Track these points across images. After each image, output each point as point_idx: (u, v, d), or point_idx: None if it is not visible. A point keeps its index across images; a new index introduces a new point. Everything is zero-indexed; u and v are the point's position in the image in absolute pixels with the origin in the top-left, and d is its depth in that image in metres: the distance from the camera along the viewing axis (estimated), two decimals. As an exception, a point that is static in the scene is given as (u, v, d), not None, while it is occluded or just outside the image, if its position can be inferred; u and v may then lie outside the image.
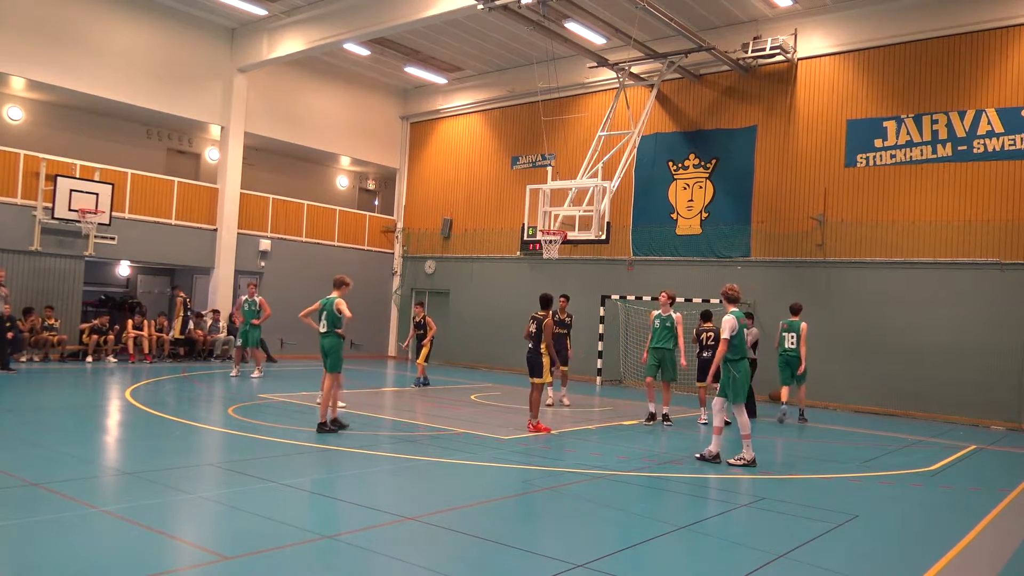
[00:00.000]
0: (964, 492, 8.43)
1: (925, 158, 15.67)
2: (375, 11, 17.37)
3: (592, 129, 18.77)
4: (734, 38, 17.48)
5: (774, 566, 5.34)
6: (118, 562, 4.82)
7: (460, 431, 10.54)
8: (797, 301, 13.45)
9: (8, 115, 18.83)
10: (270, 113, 21.59)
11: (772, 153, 17.59)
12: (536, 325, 10.96)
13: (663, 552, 5.72)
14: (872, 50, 16.41)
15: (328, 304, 9.94)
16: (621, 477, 8.11)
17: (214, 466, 7.91)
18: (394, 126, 25.05)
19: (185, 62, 19.61)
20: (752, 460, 8.87)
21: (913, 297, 15.61)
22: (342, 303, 9.90)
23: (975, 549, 6.18)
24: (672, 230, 18.97)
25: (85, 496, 6.18)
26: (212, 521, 5.98)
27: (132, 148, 20.75)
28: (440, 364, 22.89)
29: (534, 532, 6.11)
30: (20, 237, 16.92)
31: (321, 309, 10.02)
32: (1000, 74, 14.96)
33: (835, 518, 6.74)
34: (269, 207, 21.88)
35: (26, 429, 9.21)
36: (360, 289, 23.47)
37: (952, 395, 14.96)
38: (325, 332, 9.91)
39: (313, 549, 5.33)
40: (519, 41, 19.31)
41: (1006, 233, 14.76)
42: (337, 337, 9.94)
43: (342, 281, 10.12)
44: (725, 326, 8.83)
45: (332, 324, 9.88)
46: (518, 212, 19.18)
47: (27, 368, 15.49)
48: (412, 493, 7.09)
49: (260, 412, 11.22)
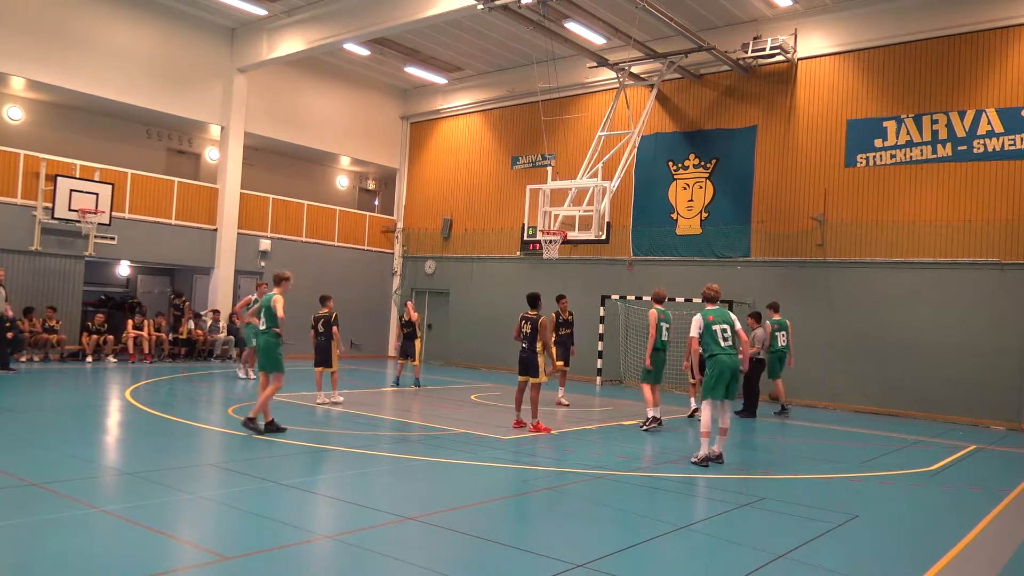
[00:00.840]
0: (964, 492, 8.43)
1: (925, 158, 15.67)
2: (375, 11, 17.37)
3: (592, 129, 18.77)
4: (734, 38, 17.48)
5: (774, 566, 5.34)
6: (118, 562, 4.82)
7: (460, 431, 10.55)
8: (775, 300, 14.69)
9: (8, 115, 18.83)
10: (270, 113, 21.59)
11: (772, 153, 17.59)
12: (531, 325, 10.93)
13: (663, 552, 5.72)
14: (872, 50, 16.41)
15: (266, 301, 9.67)
16: (621, 477, 8.11)
17: (214, 466, 7.91)
18: (394, 126, 25.05)
19: (185, 62, 19.62)
20: (704, 459, 8.86)
21: (913, 297, 15.61)
22: (279, 301, 9.54)
23: (975, 549, 6.18)
24: (672, 230, 18.97)
25: (85, 496, 6.18)
26: (212, 521, 5.98)
27: (132, 148, 20.74)
28: (440, 364, 22.92)
29: (534, 532, 6.11)
30: (20, 237, 16.92)
31: (260, 306, 9.85)
32: (1000, 74, 14.96)
33: (835, 518, 6.74)
34: (269, 207, 21.88)
35: (26, 429, 9.21)
36: (360, 289, 23.70)
37: (952, 395, 14.97)
38: (263, 330, 9.63)
39: (313, 549, 5.33)
40: (519, 41, 19.31)
41: (1006, 233, 14.76)
42: (273, 335, 9.57)
43: (281, 276, 9.79)
44: (693, 325, 9.20)
45: (269, 322, 9.55)
46: (518, 212, 19.18)
47: (27, 368, 15.49)
48: (412, 493, 7.09)
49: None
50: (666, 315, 11.86)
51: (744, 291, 17.48)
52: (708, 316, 9.15)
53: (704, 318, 9.14)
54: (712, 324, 9.09)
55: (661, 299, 12.04)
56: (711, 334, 9.07)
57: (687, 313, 18.03)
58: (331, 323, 12.58)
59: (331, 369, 12.60)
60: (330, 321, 12.59)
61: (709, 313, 9.18)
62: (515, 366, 11.44)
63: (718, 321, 9.10)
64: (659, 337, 11.57)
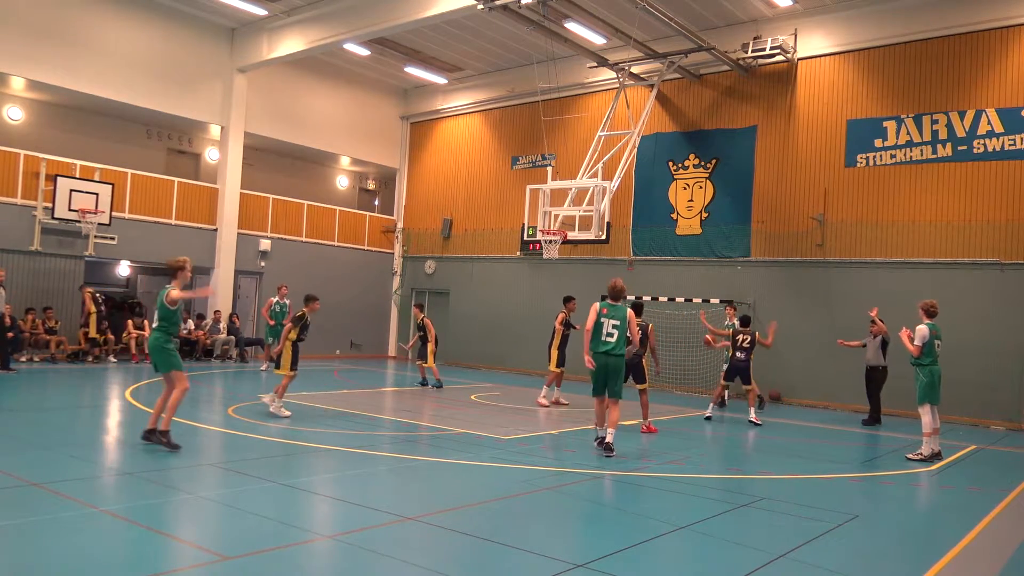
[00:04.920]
0: (964, 492, 8.43)
1: (925, 158, 15.66)
2: (375, 11, 17.37)
3: (592, 129, 18.76)
4: (734, 38, 17.47)
5: (774, 566, 5.34)
6: (118, 562, 4.82)
7: (460, 431, 10.54)
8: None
9: (8, 115, 18.82)
10: (270, 113, 21.59)
11: (772, 153, 17.59)
12: (641, 331, 10.37)
13: (663, 552, 5.72)
14: (872, 50, 16.41)
15: (160, 296, 8.40)
16: (621, 477, 8.11)
17: (214, 466, 7.91)
18: (394, 126, 25.05)
19: (185, 62, 19.61)
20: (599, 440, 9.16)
21: (913, 297, 15.49)
22: (174, 291, 8.22)
23: (975, 549, 6.18)
24: (672, 230, 18.97)
25: (85, 496, 6.17)
26: (212, 521, 5.98)
27: (132, 148, 20.73)
28: (440, 364, 22.88)
29: (534, 532, 6.11)
30: (20, 237, 16.91)
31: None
32: (1000, 74, 14.96)
33: (835, 518, 6.74)
34: (269, 207, 21.87)
35: (26, 429, 9.21)
36: (360, 289, 23.71)
37: (952, 395, 14.89)
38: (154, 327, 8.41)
39: (313, 549, 5.34)
40: (519, 41, 19.30)
41: (1006, 233, 14.76)
42: (161, 333, 8.26)
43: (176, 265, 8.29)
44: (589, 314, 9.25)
45: (160, 318, 8.29)
46: (518, 212, 19.17)
47: (27, 368, 15.49)
48: (412, 493, 7.09)
49: (260, 412, 11.21)
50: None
51: (744, 291, 17.48)
52: (602, 308, 9.01)
53: (598, 310, 9.05)
54: (601, 317, 8.93)
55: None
56: (598, 327, 8.93)
57: (687, 313, 18.14)
58: (292, 321, 11.24)
59: (280, 372, 11.21)
60: (293, 319, 11.28)
61: (604, 306, 9.03)
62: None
63: (609, 316, 8.93)
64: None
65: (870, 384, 13.98)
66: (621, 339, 8.93)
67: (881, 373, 13.90)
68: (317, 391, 13.89)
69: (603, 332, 8.92)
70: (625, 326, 8.96)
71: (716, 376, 16.57)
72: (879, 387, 13.96)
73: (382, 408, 13.24)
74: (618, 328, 8.91)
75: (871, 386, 13.97)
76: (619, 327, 8.91)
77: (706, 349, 15.73)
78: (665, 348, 18.32)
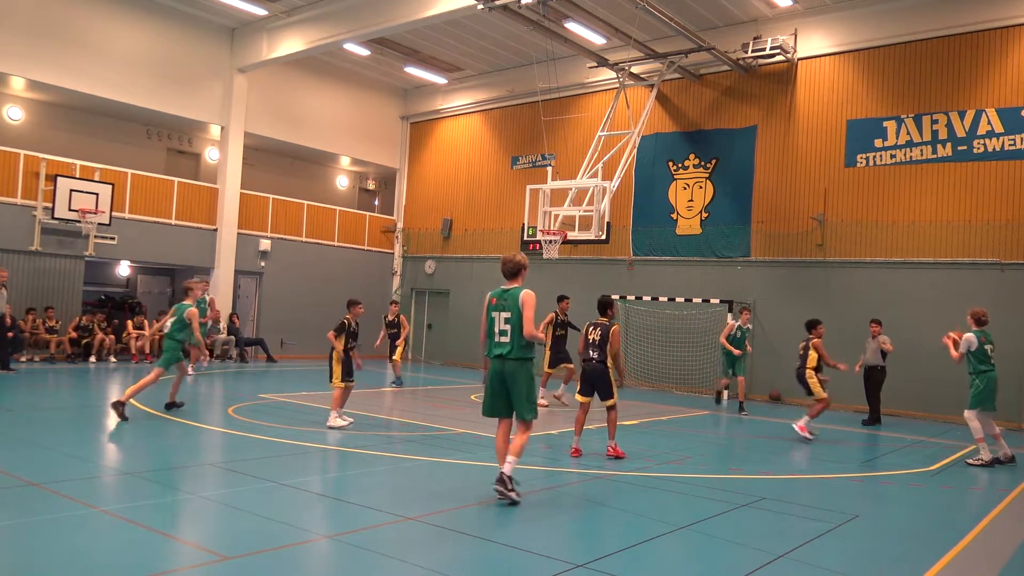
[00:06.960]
0: (964, 492, 8.44)
1: (925, 158, 15.66)
2: (375, 11, 17.37)
3: (592, 129, 18.76)
4: (734, 38, 17.47)
5: (774, 566, 5.34)
6: (118, 562, 4.82)
7: (459, 431, 10.54)
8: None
9: (8, 115, 18.83)
10: (270, 113, 21.59)
11: (772, 153, 17.59)
12: (600, 333, 9.17)
13: (663, 552, 5.72)
14: (872, 50, 16.41)
15: (180, 309, 10.73)
16: (621, 477, 8.11)
17: (214, 466, 7.91)
18: (394, 126, 25.05)
19: (185, 62, 19.61)
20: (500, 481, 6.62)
21: (913, 297, 15.61)
22: (190, 310, 10.70)
23: (975, 549, 6.18)
24: (672, 230, 18.97)
25: (85, 496, 6.17)
26: (212, 521, 5.98)
27: (132, 148, 20.74)
28: (440, 364, 22.92)
29: (534, 532, 6.11)
30: (20, 237, 16.91)
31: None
32: (1000, 74, 14.96)
33: (835, 518, 6.74)
34: (269, 207, 21.87)
35: (26, 429, 9.20)
36: (360, 289, 23.64)
37: (952, 395, 14.91)
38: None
39: (313, 549, 5.34)
40: (519, 41, 19.30)
41: (1006, 233, 14.76)
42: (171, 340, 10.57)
43: (185, 287, 11.20)
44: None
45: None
46: (518, 212, 19.17)
47: (27, 368, 15.49)
48: (412, 493, 7.09)
49: (260, 412, 11.22)
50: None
51: (744, 291, 17.48)
52: (491, 299, 6.80)
53: (487, 300, 6.86)
54: (491, 309, 6.76)
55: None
56: (490, 321, 6.77)
57: (687, 313, 18.13)
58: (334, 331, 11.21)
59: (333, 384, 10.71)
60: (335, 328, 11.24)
61: (494, 295, 6.80)
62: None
63: (498, 307, 6.71)
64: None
65: (869, 384, 13.98)
66: (516, 336, 6.61)
67: (880, 373, 13.91)
68: (317, 391, 13.88)
69: (494, 328, 6.69)
70: (519, 318, 6.55)
71: (715, 376, 16.59)
72: (878, 387, 13.96)
73: (382, 408, 13.24)
74: (510, 322, 6.60)
75: (870, 386, 13.98)
76: (511, 320, 6.59)
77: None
78: (665, 348, 18.35)
